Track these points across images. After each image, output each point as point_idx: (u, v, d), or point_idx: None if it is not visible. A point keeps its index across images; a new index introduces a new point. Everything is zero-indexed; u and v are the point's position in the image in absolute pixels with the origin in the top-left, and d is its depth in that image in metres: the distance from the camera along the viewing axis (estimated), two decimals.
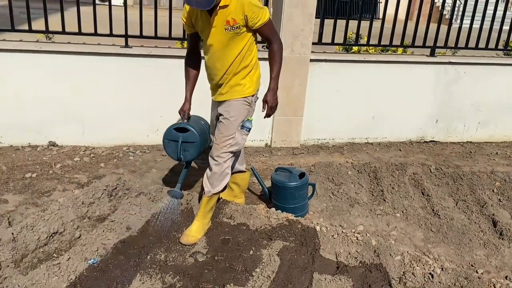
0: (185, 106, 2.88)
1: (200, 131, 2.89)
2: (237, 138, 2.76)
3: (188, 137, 2.84)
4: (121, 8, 4.05)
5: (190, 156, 2.91)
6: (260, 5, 2.58)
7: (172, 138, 2.88)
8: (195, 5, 2.41)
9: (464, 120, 5.02)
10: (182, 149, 2.87)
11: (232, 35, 2.58)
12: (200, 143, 2.86)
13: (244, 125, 2.76)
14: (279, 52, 2.71)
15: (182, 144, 2.85)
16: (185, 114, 2.88)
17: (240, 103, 2.73)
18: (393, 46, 4.80)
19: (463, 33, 4.77)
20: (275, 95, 2.76)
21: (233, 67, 2.67)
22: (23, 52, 3.78)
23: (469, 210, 3.45)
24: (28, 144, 4.02)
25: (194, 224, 2.80)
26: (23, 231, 2.55)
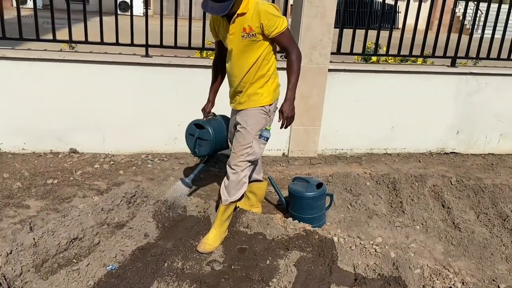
0: (206, 106, 3.10)
1: (216, 131, 3.04)
2: (255, 147, 2.76)
3: (203, 134, 3.03)
4: (142, 18, 4.13)
5: (204, 151, 3.09)
6: (278, 14, 2.60)
7: (191, 132, 3.11)
8: (210, 11, 2.48)
9: (485, 132, 4.92)
10: (198, 144, 3.07)
11: (248, 43, 2.61)
12: (212, 141, 3.02)
13: (262, 134, 2.76)
14: (296, 62, 2.70)
15: (197, 139, 3.05)
16: (205, 112, 3.09)
17: (258, 112, 2.74)
18: (413, 56, 4.76)
19: (484, 43, 4.71)
20: (291, 106, 2.74)
21: (250, 75, 2.70)
22: (47, 61, 3.88)
23: (490, 223, 3.37)
24: (50, 151, 4.11)
25: (211, 233, 2.81)
26: (44, 236, 2.60)
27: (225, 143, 3.15)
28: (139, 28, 4.12)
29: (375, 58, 4.81)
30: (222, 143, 3.13)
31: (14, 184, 3.46)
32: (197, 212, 3.19)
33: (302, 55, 4.15)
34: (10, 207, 3.11)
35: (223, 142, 3.13)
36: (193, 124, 3.10)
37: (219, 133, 3.07)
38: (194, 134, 3.07)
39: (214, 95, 3.08)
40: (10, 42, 4.00)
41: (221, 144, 3.12)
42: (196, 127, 3.07)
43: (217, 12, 2.47)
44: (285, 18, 2.66)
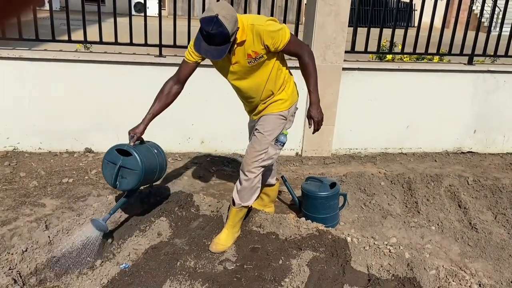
0: (139, 128, 2.63)
1: (146, 160, 2.54)
2: (270, 152, 2.69)
3: (129, 163, 2.50)
4: (156, 19, 4.16)
5: (127, 185, 2.54)
6: (277, 28, 2.43)
7: (111, 159, 2.55)
8: (205, 54, 2.32)
9: (503, 131, 4.82)
10: (120, 175, 2.51)
11: (257, 65, 2.50)
12: (141, 173, 2.50)
13: (278, 139, 2.69)
14: (311, 63, 2.59)
15: (120, 168, 2.50)
16: (135, 136, 2.61)
17: (276, 117, 2.66)
18: (429, 54, 4.68)
19: (502, 40, 4.60)
20: (319, 108, 2.66)
21: (267, 90, 2.61)
22: (62, 62, 3.94)
23: (509, 224, 3.29)
24: (66, 150, 4.17)
25: (223, 233, 2.80)
26: (59, 235, 2.63)
27: (153, 174, 2.68)
28: (154, 29, 4.15)
29: (390, 57, 4.75)
30: (150, 175, 2.63)
31: (30, 183, 3.51)
32: (210, 212, 3.20)
33: (316, 54, 4.15)
34: (26, 206, 3.16)
35: (152, 174, 2.65)
36: (114, 150, 2.54)
37: (148, 164, 2.57)
38: (116, 162, 2.49)
39: (151, 118, 2.65)
40: (27, 43, 4.07)
41: (149, 176, 2.61)
42: (119, 153, 2.52)
43: (214, 57, 2.31)
44: (285, 25, 2.51)
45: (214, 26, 2.21)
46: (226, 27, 2.22)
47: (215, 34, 2.22)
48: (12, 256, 2.38)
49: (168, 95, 2.66)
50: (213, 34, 2.23)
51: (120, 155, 2.53)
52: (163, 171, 2.82)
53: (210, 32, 2.22)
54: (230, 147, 4.37)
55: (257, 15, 2.57)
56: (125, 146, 2.55)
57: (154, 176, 2.70)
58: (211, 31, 2.22)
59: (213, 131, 4.34)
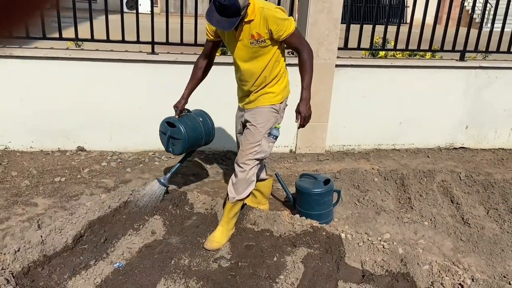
0: (179, 103, 2.98)
1: (189, 129, 2.95)
2: (264, 145, 2.72)
3: (175, 133, 2.95)
4: (148, 16, 4.13)
5: (177, 150, 3.01)
6: (284, 17, 2.54)
7: (163, 130, 3.02)
8: (216, 24, 2.44)
9: (495, 126, 4.85)
10: (171, 143, 2.99)
11: (258, 48, 2.58)
12: (185, 140, 2.93)
13: (271, 132, 2.73)
14: (309, 61, 2.66)
15: (169, 138, 2.98)
16: (178, 110, 2.98)
17: (268, 110, 2.71)
18: (421, 50, 4.70)
19: (494, 37, 4.63)
20: (308, 105, 2.71)
21: (262, 78, 2.67)
22: (53, 59, 3.89)
23: (501, 219, 3.32)
24: (58, 149, 4.13)
25: (218, 230, 2.80)
26: (51, 234, 2.61)
27: (200, 140, 3.09)
28: (146, 26, 4.12)
29: (383, 53, 4.76)
30: (197, 141, 3.06)
31: (22, 182, 3.48)
32: (204, 209, 3.19)
33: None
34: (18, 205, 3.13)
35: (198, 140, 3.07)
36: (165, 122, 3.00)
37: (192, 132, 2.98)
38: (166, 132, 2.98)
39: (189, 93, 2.96)
40: (18, 41, 4.02)
41: (195, 142, 3.05)
42: (168, 125, 2.98)
43: (224, 28, 2.43)
44: (292, 18, 2.62)
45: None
46: (238, 0, 2.33)
47: (227, 5, 2.33)
48: (4, 256, 2.36)
49: (200, 69, 2.91)
50: (225, 5, 2.33)
51: (169, 126, 2.97)
52: (211, 135, 3.20)
53: (223, 3, 2.33)
54: (224, 144, 4.36)
55: (267, 1, 2.65)
56: (171, 119, 2.98)
57: (201, 141, 3.10)
58: (224, 2, 2.32)
59: None
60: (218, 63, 3.32)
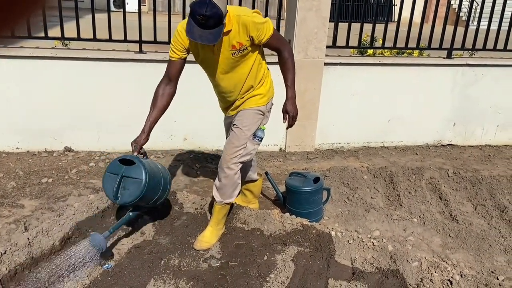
0: (140, 138, 2.58)
1: (151, 171, 2.47)
2: (249, 148, 2.67)
3: (132, 172, 2.41)
4: (136, 15, 4.09)
5: (129, 197, 2.41)
6: (262, 20, 2.45)
7: (113, 171, 2.45)
8: (200, 39, 2.25)
9: (482, 123, 4.91)
10: (122, 186, 2.41)
11: (240, 57, 2.50)
12: (144, 182, 2.38)
13: (256, 134, 2.69)
14: (290, 59, 2.61)
15: (122, 178, 2.40)
16: (137, 146, 2.56)
17: (254, 112, 2.67)
18: (409, 48, 4.73)
19: (480, 34, 4.68)
20: (294, 104, 2.67)
21: (247, 85, 2.61)
22: (39, 59, 3.84)
23: (488, 215, 3.36)
24: (45, 149, 4.08)
25: (207, 230, 2.78)
26: (38, 236, 2.58)
27: (157, 192, 2.56)
28: (134, 25, 4.08)
29: (371, 51, 4.78)
30: (154, 191, 2.51)
31: (8, 183, 3.43)
32: (194, 209, 3.17)
33: (298, 49, 4.17)
34: (4, 207, 3.08)
35: (155, 190, 2.53)
36: (117, 161, 2.47)
37: (152, 177, 2.45)
38: (118, 172, 2.40)
39: (151, 126, 2.59)
40: (2, 40, 3.95)
41: (151, 192, 2.48)
42: (121, 163, 2.43)
43: (209, 41, 2.26)
44: (269, 19, 2.52)
45: (208, 7, 2.18)
46: (219, 8, 2.20)
47: (209, 15, 2.18)
48: None
49: (162, 97, 2.60)
50: (208, 16, 2.18)
51: (123, 165, 2.45)
52: (167, 190, 2.70)
53: (205, 14, 2.18)
54: (213, 143, 4.34)
55: (241, 7, 2.56)
56: (127, 156, 2.48)
57: (158, 191, 2.56)
58: (206, 13, 2.18)
59: (196, 127, 4.30)
60: None
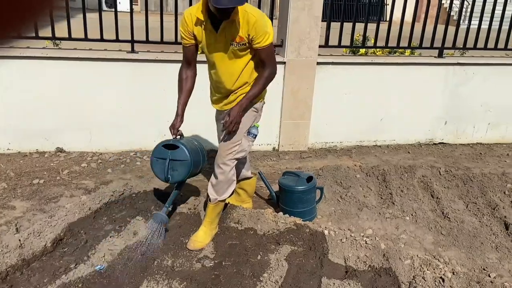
0: (176, 122, 2.71)
1: (191, 150, 2.71)
2: (244, 144, 2.71)
3: (177, 155, 2.66)
4: (128, 14, 4.07)
5: (178, 176, 2.70)
6: (266, 29, 2.47)
7: (160, 156, 2.69)
8: (229, 3, 2.26)
9: (473, 122, 4.95)
10: (170, 168, 2.67)
11: (237, 50, 2.52)
12: (190, 162, 2.66)
13: (250, 131, 2.72)
14: (266, 79, 2.59)
15: (170, 162, 2.66)
16: (175, 130, 2.71)
17: (249, 109, 2.68)
18: (401, 47, 4.76)
19: (471, 33, 4.72)
20: (240, 112, 2.59)
21: (241, 79, 2.61)
22: (30, 59, 3.80)
23: (480, 212, 3.39)
24: (36, 150, 4.04)
25: (201, 230, 2.78)
26: (30, 238, 2.56)
27: (201, 163, 2.84)
28: (126, 25, 4.06)
29: (363, 51, 4.80)
30: (198, 164, 2.79)
31: None
32: (187, 209, 3.16)
33: (291, 48, 4.17)
34: None
35: (199, 163, 2.81)
36: (161, 146, 2.71)
37: (194, 153, 2.73)
38: (166, 157, 2.66)
39: (183, 108, 2.72)
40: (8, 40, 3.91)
41: (197, 165, 2.77)
42: (166, 149, 2.68)
43: (236, 3, 2.29)
44: (273, 33, 2.54)
45: None
46: None
47: None
48: None
49: (186, 80, 2.73)
50: None
51: (168, 150, 2.68)
52: (205, 160, 2.95)
53: None
54: (206, 143, 4.32)
55: (255, 8, 2.57)
56: (171, 141, 2.70)
57: (200, 165, 2.83)
58: None
59: (189, 127, 4.23)
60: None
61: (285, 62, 4.22)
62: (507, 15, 4.71)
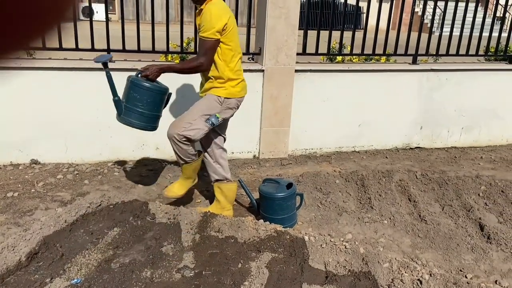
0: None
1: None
2: (197, 124, 2.88)
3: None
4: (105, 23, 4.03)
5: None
6: (212, 21, 2.76)
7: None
8: None
9: (448, 126, 5.07)
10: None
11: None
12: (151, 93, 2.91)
13: (210, 118, 2.92)
14: (192, 66, 2.89)
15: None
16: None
17: (213, 98, 2.96)
18: (376, 55, 4.85)
19: (444, 40, 4.85)
20: (156, 69, 2.87)
21: (212, 70, 2.91)
22: (2, 69, 3.72)
23: (455, 214, 3.46)
24: (10, 162, 3.94)
25: (177, 182, 3.20)
26: (4, 252, 2.48)
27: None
28: (103, 34, 4.02)
29: (340, 58, 4.87)
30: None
31: None
32: (167, 219, 3.13)
33: (269, 56, 4.23)
34: None
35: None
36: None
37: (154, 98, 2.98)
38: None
39: None
40: None
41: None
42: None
43: None
44: (215, 30, 2.77)
45: None
46: None
47: None
48: None
49: None
50: None
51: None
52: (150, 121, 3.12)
53: None
54: None
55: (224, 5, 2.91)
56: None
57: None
58: None
59: None
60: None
61: (263, 69, 4.25)
62: (477, 22, 4.86)
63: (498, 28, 5.30)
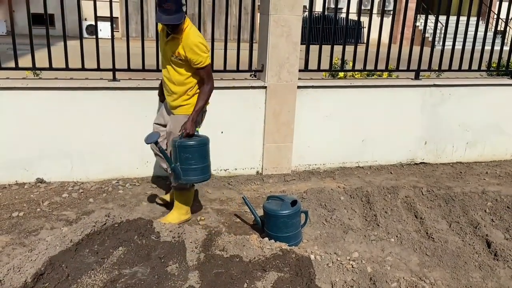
0: None
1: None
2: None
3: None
4: (109, 41, 4.08)
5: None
6: (203, 51, 3.02)
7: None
8: (167, 21, 2.89)
9: (452, 141, 5.06)
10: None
11: (176, 61, 3.08)
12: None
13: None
14: (208, 93, 3.18)
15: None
16: None
17: (183, 118, 3.19)
18: (378, 70, 4.87)
19: (446, 55, 4.87)
20: (192, 124, 3.14)
21: (178, 89, 3.15)
22: (10, 90, 3.76)
23: (462, 231, 3.43)
24: (15, 181, 3.95)
25: (171, 213, 3.41)
26: (9, 273, 2.47)
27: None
28: (108, 51, 4.06)
29: (342, 74, 4.90)
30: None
31: None
32: (171, 238, 3.11)
33: (271, 73, 4.25)
34: None
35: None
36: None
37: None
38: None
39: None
40: None
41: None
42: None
43: (173, 21, 2.90)
44: (209, 55, 3.11)
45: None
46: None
47: (171, 1, 2.84)
48: None
49: None
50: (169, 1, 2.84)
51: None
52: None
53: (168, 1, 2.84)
54: None
55: (198, 32, 3.14)
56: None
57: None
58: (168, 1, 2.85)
59: None
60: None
61: (266, 86, 4.28)
62: (479, 36, 4.88)
63: (499, 41, 5.32)
